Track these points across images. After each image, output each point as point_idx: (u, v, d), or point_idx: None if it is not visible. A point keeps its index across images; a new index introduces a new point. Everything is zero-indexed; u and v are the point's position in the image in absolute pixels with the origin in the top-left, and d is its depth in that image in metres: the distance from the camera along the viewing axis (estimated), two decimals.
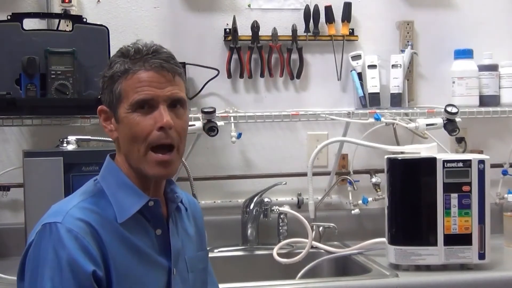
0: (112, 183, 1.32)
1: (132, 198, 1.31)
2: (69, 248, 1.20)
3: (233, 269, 2.23)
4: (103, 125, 1.35)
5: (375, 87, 2.43)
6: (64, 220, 1.23)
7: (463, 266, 1.98)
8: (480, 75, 2.45)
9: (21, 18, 2.06)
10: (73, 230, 1.22)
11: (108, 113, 1.33)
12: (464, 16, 2.56)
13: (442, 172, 1.95)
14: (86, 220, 1.25)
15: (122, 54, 1.32)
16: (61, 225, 1.22)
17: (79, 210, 1.26)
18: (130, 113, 1.28)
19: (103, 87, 1.33)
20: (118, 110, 1.30)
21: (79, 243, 1.22)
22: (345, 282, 1.92)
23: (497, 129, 2.56)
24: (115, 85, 1.30)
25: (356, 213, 2.38)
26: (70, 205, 1.28)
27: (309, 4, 2.42)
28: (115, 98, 1.30)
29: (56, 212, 1.26)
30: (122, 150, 1.33)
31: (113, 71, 1.31)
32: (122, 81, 1.30)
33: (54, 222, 1.23)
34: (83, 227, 1.24)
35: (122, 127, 1.30)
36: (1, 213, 2.26)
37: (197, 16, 2.38)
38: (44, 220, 1.26)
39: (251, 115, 2.31)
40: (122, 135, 1.31)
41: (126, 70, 1.29)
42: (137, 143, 1.28)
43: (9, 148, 2.26)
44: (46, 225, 1.24)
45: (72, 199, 1.31)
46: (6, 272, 1.93)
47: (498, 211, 2.32)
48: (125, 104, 1.29)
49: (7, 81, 2.02)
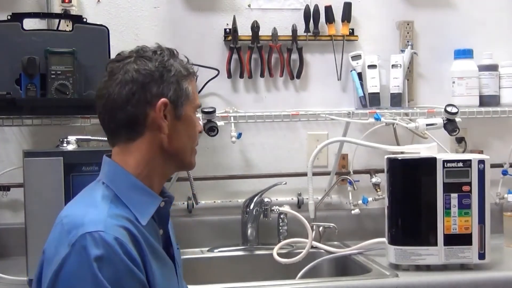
0: (122, 186, 1.30)
1: (146, 199, 1.31)
2: (121, 257, 1.16)
3: (233, 269, 2.23)
4: (162, 118, 1.30)
5: (375, 87, 2.43)
6: (106, 228, 1.18)
7: (463, 266, 1.98)
8: (480, 75, 2.45)
9: (21, 18, 2.06)
10: (119, 238, 1.18)
11: (168, 108, 1.31)
12: (464, 16, 2.56)
13: (442, 172, 1.95)
14: (125, 226, 1.22)
15: (168, 50, 1.35)
16: (106, 234, 1.17)
17: (115, 217, 1.22)
18: (193, 114, 1.38)
19: (163, 79, 1.31)
20: (183, 108, 1.34)
21: (125, 251, 1.18)
22: (345, 282, 1.91)
23: (497, 129, 2.56)
24: (183, 83, 1.34)
25: (356, 213, 2.38)
26: (102, 212, 1.22)
27: (309, 4, 2.42)
28: (184, 95, 1.34)
29: (91, 220, 1.19)
30: (171, 145, 1.32)
31: (174, 68, 1.33)
32: (188, 82, 1.35)
33: (97, 231, 1.17)
34: (125, 234, 1.20)
35: (183, 124, 1.34)
36: (1, 213, 2.26)
37: (197, 16, 2.39)
38: (74, 231, 1.18)
39: (251, 115, 2.32)
40: (179, 132, 1.33)
41: (189, 72, 1.36)
42: (193, 141, 1.39)
43: (9, 148, 2.26)
44: (86, 235, 1.16)
45: (98, 206, 1.25)
46: (6, 272, 1.93)
47: (498, 211, 2.32)
48: (192, 104, 1.36)
49: (7, 81, 2.02)
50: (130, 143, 1.31)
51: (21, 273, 1.88)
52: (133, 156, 1.31)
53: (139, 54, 1.33)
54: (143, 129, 1.30)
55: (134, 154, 1.31)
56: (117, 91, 1.29)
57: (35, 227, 1.82)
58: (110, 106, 1.31)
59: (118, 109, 1.30)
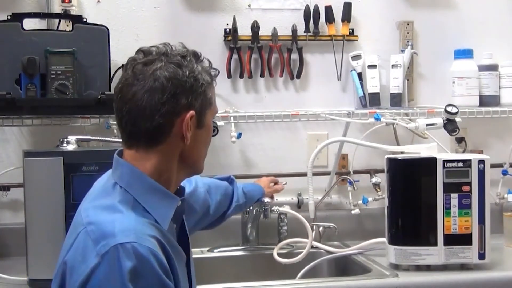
0: (141, 190, 1.27)
1: (165, 201, 1.30)
2: (154, 269, 1.15)
3: (233, 269, 2.23)
4: (188, 131, 1.28)
5: (375, 87, 2.43)
6: (138, 238, 1.16)
7: (463, 266, 1.98)
8: (480, 75, 2.45)
9: (21, 18, 2.06)
10: (152, 250, 1.16)
11: (193, 118, 1.29)
12: (464, 16, 2.55)
13: (442, 172, 1.95)
14: (154, 235, 1.21)
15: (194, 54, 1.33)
16: (139, 245, 1.15)
17: (144, 225, 1.21)
18: (211, 120, 1.37)
19: (192, 90, 1.28)
20: (206, 117, 1.33)
21: (159, 262, 1.17)
22: (345, 282, 1.91)
23: (497, 129, 2.56)
24: (208, 92, 1.32)
25: (356, 213, 2.38)
26: (130, 220, 1.21)
27: (309, 4, 2.42)
28: (208, 104, 1.33)
29: (121, 230, 1.17)
30: (191, 155, 1.33)
31: (202, 76, 1.31)
32: (211, 88, 1.34)
33: (129, 242, 1.15)
34: (155, 244, 1.19)
35: (204, 132, 1.35)
36: (1, 213, 2.26)
37: (197, 16, 2.39)
38: (103, 241, 1.16)
39: (251, 115, 2.32)
40: (199, 140, 1.33)
41: (212, 78, 1.35)
42: (208, 147, 1.40)
43: (9, 148, 2.26)
44: (118, 246, 1.14)
45: (123, 212, 1.23)
46: (6, 272, 1.93)
47: (498, 211, 2.31)
48: (212, 111, 1.36)
49: (7, 81, 2.02)
50: (149, 149, 1.29)
51: (21, 273, 1.88)
52: (151, 162, 1.29)
53: (168, 58, 1.28)
54: (166, 138, 1.28)
55: (152, 161, 1.29)
56: (145, 98, 1.25)
57: (35, 227, 1.83)
58: (135, 113, 1.26)
59: (145, 117, 1.26)
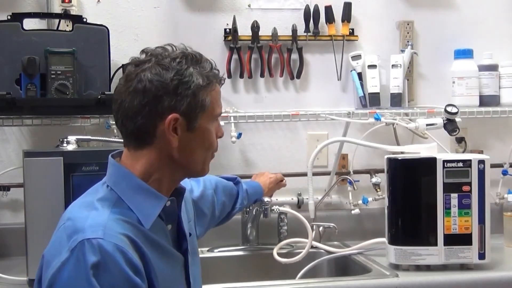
0: (126, 188, 1.29)
1: (151, 201, 1.30)
2: (119, 265, 1.16)
3: (233, 269, 2.23)
4: (170, 133, 1.28)
5: (375, 87, 2.43)
6: (105, 235, 1.18)
7: (463, 266, 1.98)
8: (480, 75, 2.45)
9: (21, 18, 2.06)
10: (119, 245, 1.17)
11: (180, 121, 1.28)
12: (464, 16, 2.55)
13: (442, 172, 1.95)
14: (125, 233, 1.21)
15: (192, 57, 1.31)
16: (105, 241, 1.16)
17: (115, 223, 1.22)
18: (211, 123, 1.33)
19: (177, 92, 1.27)
20: (197, 120, 1.30)
21: (126, 259, 1.17)
22: (345, 282, 1.91)
23: (497, 129, 2.56)
24: (200, 95, 1.29)
25: (356, 213, 2.38)
26: (102, 217, 1.22)
27: (309, 4, 2.42)
28: (199, 107, 1.29)
29: (91, 226, 1.19)
30: (183, 158, 1.31)
31: (192, 78, 1.28)
32: (207, 92, 1.30)
33: (96, 238, 1.17)
34: (125, 241, 1.20)
35: (197, 136, 1.31)
36: (1, 213, 2.26)
37: (197, 16, 2.38)
38: (75, 236, 1.18)
39: (251, 115, 2.32)
40: (191, 144, 1.31)
41: (210, 80, 1.31)
42: (210, 150, 1.36)
43: (9, 148, 2.26)
44: (85, 241, 1.16)
45: (99, 210, 1.25)
46: (6, 272, 1.93)
47: (498, 211, 2.31)
48: (210, 115, 1.32)
49: (7, 81, 2.02)
50: (138, 150, 1.31)
51: (21, 273, 1.88)
52: (141, 163, 1.30)
53: (157, 60, 1.29)
54: (152, 139, 1.29)
55: (142, 161, 1.30)
56: (129, 99, 1.27)
57: (35, 227, 1.83)
58: (121, 113, 1.29)
59: (128, 118, 1.28)
